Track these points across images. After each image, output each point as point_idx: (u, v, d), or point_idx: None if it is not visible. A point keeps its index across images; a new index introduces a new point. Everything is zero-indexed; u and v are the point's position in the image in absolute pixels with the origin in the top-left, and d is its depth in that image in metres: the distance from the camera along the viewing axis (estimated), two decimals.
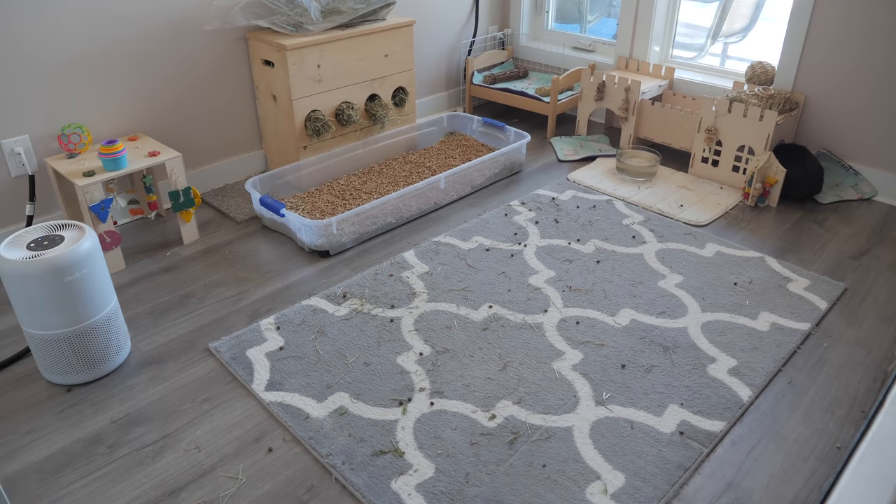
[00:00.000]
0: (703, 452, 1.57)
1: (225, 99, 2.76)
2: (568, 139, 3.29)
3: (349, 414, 1.68)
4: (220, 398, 1.74)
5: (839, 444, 1.61)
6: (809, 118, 2.86)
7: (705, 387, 1.76)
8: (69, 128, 2.26)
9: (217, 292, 2.17)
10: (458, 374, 1.80)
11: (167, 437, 1.63)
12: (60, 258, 1.63)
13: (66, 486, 1.50)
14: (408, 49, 3.02)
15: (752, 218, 2.60)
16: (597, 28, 3.87)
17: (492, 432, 1.62)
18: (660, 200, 2.72)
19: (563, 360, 1.86)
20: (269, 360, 1.86)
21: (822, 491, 1.49)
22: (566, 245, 2.40)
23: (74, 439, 1.62)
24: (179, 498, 1.47)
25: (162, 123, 2.61)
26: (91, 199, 2.13)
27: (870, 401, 1.73)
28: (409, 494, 1.46)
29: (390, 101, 3.06)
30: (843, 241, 2.44)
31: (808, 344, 1.93)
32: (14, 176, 2.29)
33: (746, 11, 3.75)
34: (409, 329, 1.97)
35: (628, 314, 2.04)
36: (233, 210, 2.65)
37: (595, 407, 1.70)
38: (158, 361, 1.88)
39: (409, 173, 2.85)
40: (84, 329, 1.72)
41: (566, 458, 1.55)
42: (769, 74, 2.90)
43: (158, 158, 2.28)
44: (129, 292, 2.17)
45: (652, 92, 3.16)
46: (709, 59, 3.81)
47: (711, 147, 2.84)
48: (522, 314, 2.04)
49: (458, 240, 2.43)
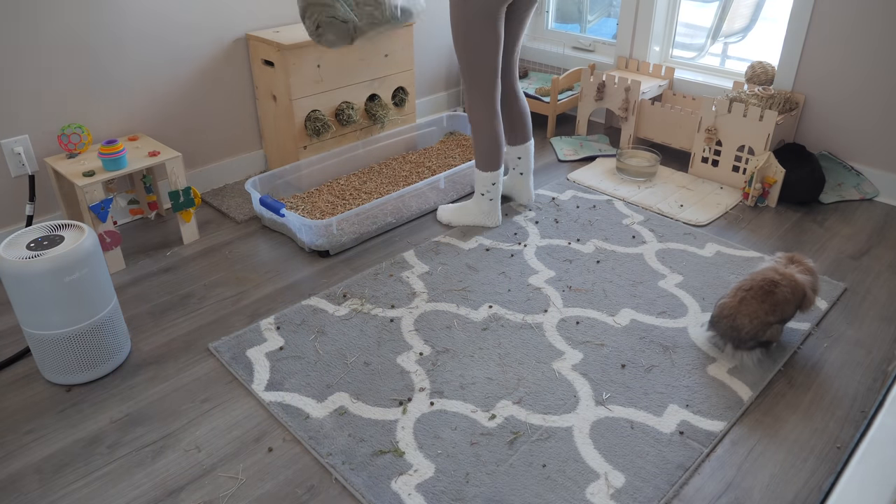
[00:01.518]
0: (703, 452, 1.57)
1: (225, 99, 2.76)
2: (568, 139, 3.29)
3: (349, 414, 1.68)
4: (220, 398, 1.74)
5: (839, 444, 1.61)
6: (809, 118, 2.86)
7: (705, 387, 1.76)
8: (69, 128, 2.26)
9: (217, 292, 2.17)
10: (458, 374, 1.80)
11: (167, 437, 1.63)
12: (60, 258, 1.63)
13: (66, 486, 1.50)
14: (408, 49, 3.02)
15: (751, 218, 2.60)
16: (597, 28, 3.87)
17: (492, 432, 1.62)
18: (660, 200, 2.72)
19: (563, 359, 1.86)
20: (269, 360, 1.86)
21: (822, 491, 1.49)
22: (566, 245, 2.40)
23: (74, 439, 1.62)
24: (179, 498, 1.47)
25: (162, 123, 2.61)
26: (91, 199, 2.13)
27: (870, 401, 1.73)
28: (409, 494, 1.46)
29: (390, 101, 3.06)
30: (844, 241, 2.44)
31: (808, 344, 1.93)
32: (14, 176, 2.29)
33: (746, 11, 3.75)
34: (409, 329, 1.97)
35: (628, 314, 2.04)
36: (233, 210, 2.65)
37: (595, 407, 1.70)
38: (158, 361, 1.88)
39: (408, 173, 2.85)
40: (84, 329, 1.72)
41: (566, 458, 1.55)
42: (769, 74, 2.90)
43: (158, 158, 2.28)
44: (129, 292, 2.17)
45: (652, 92, 3.16)
46: (709, 59, 3.82)
47: (711, 147, 2.84)
48: (522, 314, 2.04)
49: (458, 240, 2.43)
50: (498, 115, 2.34)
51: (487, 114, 2.30)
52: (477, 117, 2.32)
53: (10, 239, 1.69)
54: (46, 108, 2.30)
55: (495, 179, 2.42)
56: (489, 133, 2.33)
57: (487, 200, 2.46)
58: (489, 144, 2.35)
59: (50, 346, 1.71)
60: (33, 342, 1.72)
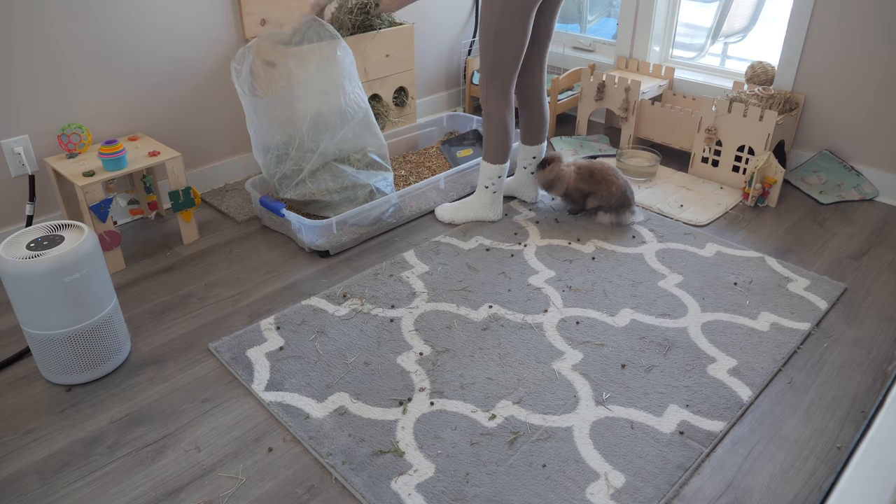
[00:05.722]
0: (703, 452, 1.57)
1: (225, 99, 2.76)
2: (568, 139, 3.29)
3: (349, 414, 1.68)
4: (220, 398, 1.74)
5: (839, 444, 1.61)
6: (810, 118, 2.86)
7: (705, 387, 1.76)
8: (69, 128, 2.26)
9: (217, 292, 2.17)
10: (458, 374, 1.80)
11: (167, 437, 1.63)
12: (60, 258, 1.63)
13: (66, 486, 1.50)
14: (408, 49, 3.02)
15: (752, 218, 2.60)
16: (597, 28, 3.87)
17: (492, 432, 1.62)
18: (660, 200, 2.72)
19: (563, 359, 1.86)
20: (269, 360, 1.86)
21: (822, 491, 1.49)
22: (566, 245, 2.40)
23: (74, 439, 1.62)
24: (179, 498, 1.47)
25: (162, 123, 2.61)
26: (91, 199, 2.13)
27: (870, 401, 1.73)
28: (409, 494, 1.46)
29: (391, 100, 3.06)
30: (844, 241, 2.44)
31: (808, 344, 1.93)
32: (14, 176, 2.29)
33: (746, 11, 3.75)
34: (409, 329, 1.97)
35: (628, 314, 2.04)
36: (233, 210, 2.65)
37: (595, 407, 1.70)
38: (158, 361, 1.88)
39: (408, 173, 2.85)
40: (84, 329, 1.72)
41: (566, 458, 1.55)
42: (769, 74, 2.90)
43: (158, 158, 2.28)
44: (129, 292, 2.17)
45: (652, 92, 3.16)
46: (709, 59, 3.82)
47: (711, 147, 2.84)
48: (522, 314, 2.04)
49: (459, 240, 2.43)
50: (512, 109, 2.39)
51: (503, 107, 2.35)
52: (492, 109, 2.35)
53: (10, 239, 1.69)
54: (46, 108, 2.30)
55: (501, 173, 2.45)
56: (503, 126, 2.37)
57: (491, 193, 2.49)
58: (501, 137, 2.39)
59: (50, 346, 1.71)
60: (33, 342, 1.72)
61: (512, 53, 2.24)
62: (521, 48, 2.25)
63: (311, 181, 2.36)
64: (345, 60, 2.36)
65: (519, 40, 2.22)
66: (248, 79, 2.33)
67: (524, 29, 2.20)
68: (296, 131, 2.37)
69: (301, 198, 2.38)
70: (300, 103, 2.35)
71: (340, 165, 2.39)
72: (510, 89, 2.34)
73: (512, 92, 2.35)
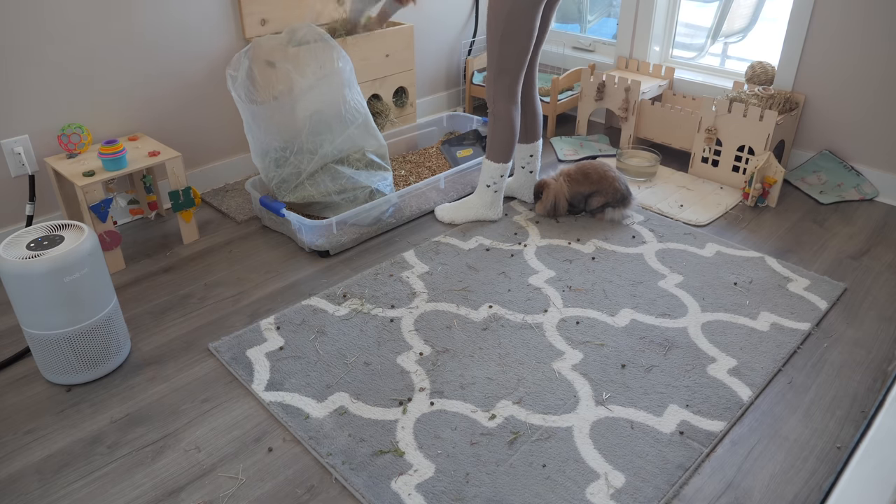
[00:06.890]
0: (703, 452, 1.57)
1: (225, 99, 2.76)
2: (568, 139, 3.29)
3: (349, 414, 1.68)
4: (220, 398, 1.74)
5: (839, 444, 1.61)
6: (810, 118, 2.86)
7: (705, 387, 1.76)
8: (69, 128, 2.26)
9: (217, 292, 2.17)
10: (458, 374, 1.80)
11: (167, 437, 1.63)
12: (60, 258, 1.63)
13: (66, 487, 1.50)
14: (408, 49, 3.02)
15: (751, 218, 2.60)
16: (597, 28, 3.87)
17: (492, 432, 1.62)
18: (660, 200, 2.72)
19: (563, 359, 1.86)
20: (269, 360, 1.86)
21: (822, 491, 1.49)
22: (566, 245, 2.40)
23: (74, 439, 1.62)
24: (179, 498, 1.47)
25: (162, 123, 2.61)
26: (91, 199, 2.13)
27: (870, 401, 1.73)
28: (409, 494, 1.46)
29: (391, 100, 3.06)
30: (844, 241, 2.44)
31: (808, 344, 1.93)
32: (14, 176, 2.29)
33: (746, 11, 3.75)
34: (409, 329, 1.97)
35: (628, 314, 2.04)
36: (233, 210, 2.65)
37: (595, 407, 1.70)
38: (158, 361, 1.88)
39: (408, 173, 2.85)
40: (84, 329, 1.72)
41: (566, 458, 1.55)
42: (769, 74, 2.90)
43: (158, 158, 2.28)
44: (129, 292, 2.17)
45: (652, 92, 3.16)
46: (709, 59, 3.82)
47: (711, 147, 2.84)
48: (522, 314, 2.04)
49: (458, 240, 2.43)
50: (518, 108, 2.40)
51: (510, 106, 2.36)
52: (499, 108, 2.36)
53: (10, 239, 1.69)
54: (46, 108, 2.30)
55: (504, 172, 2.46)
56: (509, 125, 2.38)
57: (492, 192, 2.49)
58: (506, 136, 2.40)
59: (50, 346, 1.71)
60: (33, 342, 1.72)
61: (518, 53, 2.25)
62: (528, 48, 2.26)
63: (309, 184, 2.37)
64: (345, 70, 2.38)
65: (525, 40, 2.23)
66: (244, 84, 2.34)
67: (531, 29, 2.21)
68: (294, 135, 2.37)
69: (300, 200, 2.38)
70: (299, 109, 2.35)
71: (339, 167, 2.39)
72: (517, 88, 2.34)
73: (518, 91, 2.36)
